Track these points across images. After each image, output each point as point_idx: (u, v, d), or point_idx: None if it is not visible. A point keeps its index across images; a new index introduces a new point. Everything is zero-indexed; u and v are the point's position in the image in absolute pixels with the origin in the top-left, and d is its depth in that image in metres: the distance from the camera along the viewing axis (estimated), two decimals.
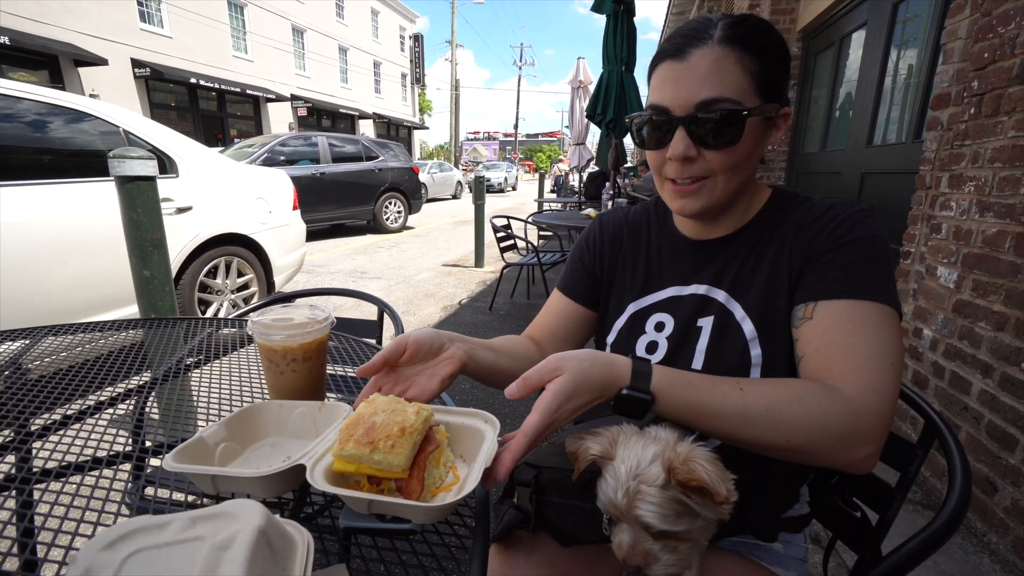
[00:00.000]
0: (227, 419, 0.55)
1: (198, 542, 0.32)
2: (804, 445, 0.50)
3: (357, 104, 23.44)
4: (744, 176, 0.64)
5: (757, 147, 0.62)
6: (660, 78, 0.62)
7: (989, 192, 1.47)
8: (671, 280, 0.73)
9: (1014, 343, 1.34)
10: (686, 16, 8.90)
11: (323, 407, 0.59)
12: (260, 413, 0.59)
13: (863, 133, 2.92)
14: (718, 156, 0.61)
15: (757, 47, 0.59)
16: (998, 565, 1.34)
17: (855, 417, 0.50)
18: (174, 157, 2.67)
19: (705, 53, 0.58)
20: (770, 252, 0.65)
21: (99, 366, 0.87)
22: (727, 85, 0.58)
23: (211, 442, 0.52)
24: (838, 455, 0.50)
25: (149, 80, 13.50)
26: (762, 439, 0.51)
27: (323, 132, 7.62)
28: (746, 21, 0.60)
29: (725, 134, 0.59)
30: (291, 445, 0.58)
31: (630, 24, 4.01)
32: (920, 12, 2.49)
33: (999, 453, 1.37)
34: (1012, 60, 1.42)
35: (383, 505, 0.42)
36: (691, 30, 0.60)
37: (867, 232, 0.59)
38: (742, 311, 0.65)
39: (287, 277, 3.46)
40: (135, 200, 1.76)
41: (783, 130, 0.64)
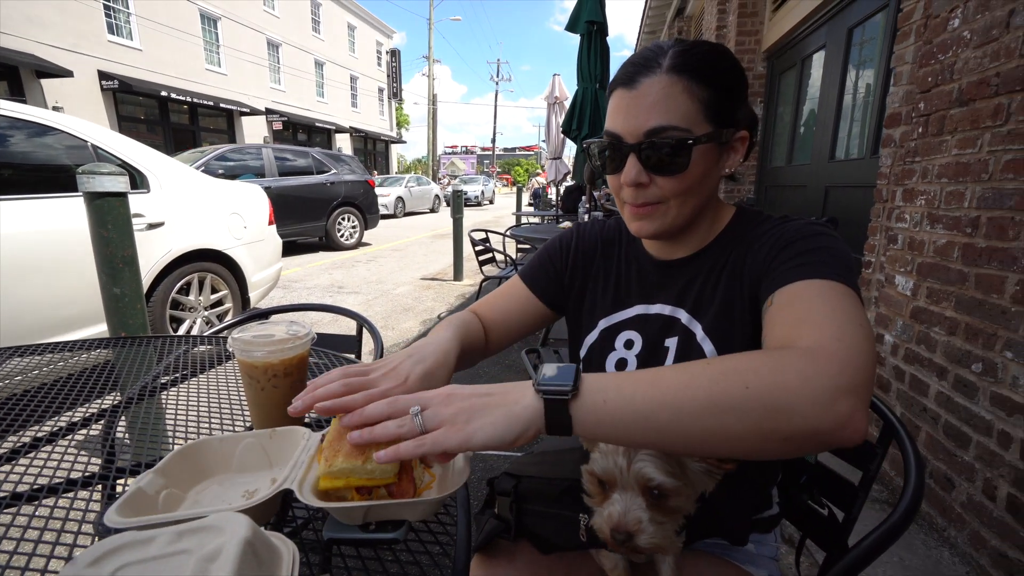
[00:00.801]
0: (161, 465, 0.49)
1: (185, 555, 0.32)
2: (772, 396, 0.42)
3: (334, 118, 23.33)
4: (698, 200, 0.66)
5: (710, 172, 0.64)
6: (613, 106, 0.64)
7: (938, 205, 1.57)
8: (638, 299, 0.75)
9: (964, 347, 1.43)
10: (657, 35, 9.21)
11: (273, 434, 0.57)
12: (199, 452, 0.54)
13: (825, 148, 3.07)
14: (668, 182, 0.62)
15: (706, 75, 0.60)
16: (957, 557, 1.40)
17: (814, 359, 0.43)
18: (145, 172, 2.62)
19: (653, 82, 0.60)
20: (727, 273, 0.67)
21: (68, 387, 0.85)
22: (675, 113, 0.60)
23: (150, 491, 0.46)
24: (816, 412, 0.41)
25: (117, 93, 13.18)
26: (718, 396, 0.42)
27: (269, 144, 7.14)
28: (695, 49, 0.62)
29: (673, 161, 0.61)
30: (241, 480, 0.54)
31: (603, 43, 4.14)
32: (873, 36, 2.65)
33: (955, 451, 1.45)
34: (952, 84, 1.53)
35: (381, 510, 0.42)
36: (642, 59, 0.62)
37: (816, 231, 0.60)
38: (702, 332, 0.67)
39: (262, 293, 3.40)
40: (105, 217, 1.72)
41: (741, 152, 0.66)
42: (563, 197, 8.64)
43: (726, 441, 0.43)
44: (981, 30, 1.43)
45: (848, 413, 0.41)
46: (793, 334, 0.48)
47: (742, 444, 0.43)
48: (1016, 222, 1.28)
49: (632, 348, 0.73)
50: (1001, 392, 1.30)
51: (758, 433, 0.42)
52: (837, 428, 0.41)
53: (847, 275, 0.54)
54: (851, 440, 0.42)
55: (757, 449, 0.43)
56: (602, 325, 0.76)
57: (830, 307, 0.50)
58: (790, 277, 0.55)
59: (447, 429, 0.44)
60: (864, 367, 0.44)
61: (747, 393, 0.42)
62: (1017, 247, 1.27)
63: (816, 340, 0.46)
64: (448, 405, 0.46)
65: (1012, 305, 1.28)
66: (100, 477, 0.60)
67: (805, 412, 0.41)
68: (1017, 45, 1.30)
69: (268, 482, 0.52)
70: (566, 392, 0.44)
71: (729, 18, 4.44)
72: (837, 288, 0.52)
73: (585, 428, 0.44)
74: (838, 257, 0.56)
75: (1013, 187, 1.29)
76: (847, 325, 0.47)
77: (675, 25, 7.52)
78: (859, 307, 0.51)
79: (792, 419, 0.41)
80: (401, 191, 14.86)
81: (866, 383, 0.43)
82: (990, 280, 1.35)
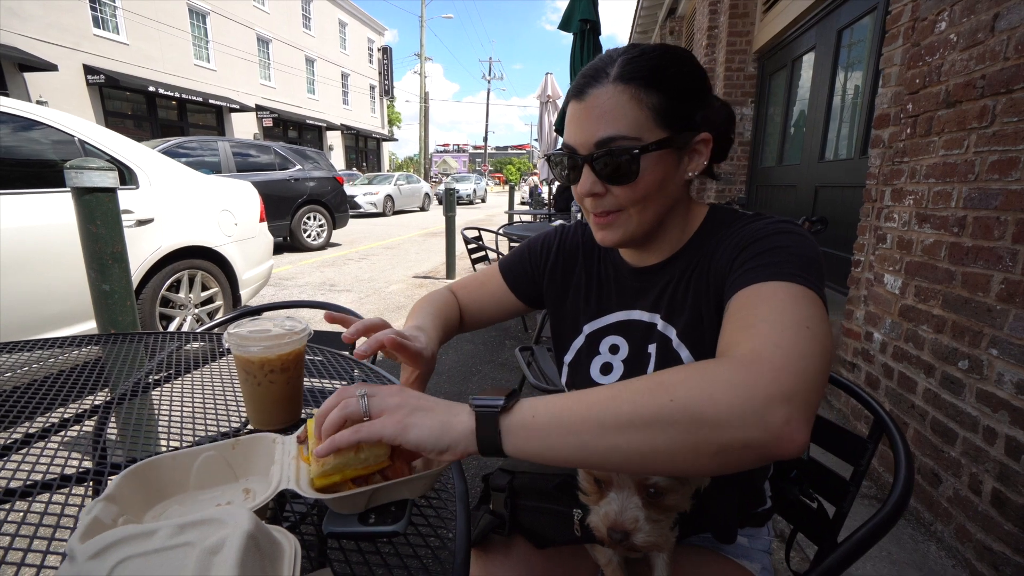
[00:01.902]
0: (109, 491, 0.45)
1: (188, 547, 0.32)
2: (696, 411, 0.40)
3: (325, 115, 23.16)
4: (659, 206, 0.65)
5: (668, 177, 0.63)
6: (567, 118, 0.65)
7: (926, 205, 1.59)
8: (618, 305, 0.75)
9: (951, 344, 1.45)
10: (649, 35, 9.25)
11: (236, 444, 0.54)
12: (149, 472, 0.49)
13: (815, 149, 3.10)
14: (623, 191, 0.62)
15: (654, 81, 0.59)
16: (943, 551, 1.43)
17: (746, 368, 0.42)
18: (134, 168, 2.58)
19: (601, 92, 0.60)
20: (696, 277, 0.67)
21: (59, 384, 0.84)
22: (622, 122, 0.59)
23: (107, 520, 0.42)
24: (745, 423, 0.39)
25: (103, 87, 12.97)
26: (643, 409, 0.41)
27: (225, 138, 6.56)
28: (645, 56, 0.61)
29: (623, 171, 0.60)
30: (206, 496, 0.50)
31: (596, 42, 4.15)
32: (862, 38, 2.69)
33: (942, 447, 1.47)
34: (939, 86, 1.55)
35: (384, 493, 0.43)
36: (592, 69, 0.63)
37: (777, 230, 0.59)
38: (677, 338, 0.67)
39: (254, 291, 3.37)
40: (93, 212, 1.69)
41: (705, 155, 0.65)
42: (555, 196, 8.67)
43: (655, 456, 0.42)
44: (967, 33, 1.45)
45: (781, 423, 0.39)
46: (734, 341, 0.47)
47: (673, 460, 0.42)
48: (1001, 222, 1.30)
49: (618, 353, 0.73)
50: (986, 388, 1.33)
51: (686, 447, 0.40)
52: (771, 440, 0.39)
53: (805, 274, 0.52)
54: (788, 451, 0.39)
55: (690, 464, 0.41)
56: (587, 330, 0.77)
57: (777, 311, 0.48)
58: (745, 280, 0.54)
59: (387, 418, 0.45)
60: (803, 372, 0.42)
61: (672, 406, 0.40)
62: (1002, 246, 1.30)
63: (752, 347, 0.44)
64: (395, 396, 0.47)
65: (997, 303, 1.30)
66: (94, 473, 0.59)
67: (733, 423, 0.39)
68: (1002, 48, 1.33)
69: (240, 493, 0.51)
70: (497, 407, 0.44)
71: (720, 19, 4.48)
72: (790, 290, 0.50)
73: (515, 444, 0.44)
74: (796, 256, 0.55)
75: (998, 187, 1.32)
76: (790, 330, 0.45)
77: (667, 25, 7.56)
78: (813, 309, 0.48)
79: (719, 431, 0.40)
80: (390, 189, 14.78)
81: (805, 389, 0.41)
82: (976, 279, 1.38)
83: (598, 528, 0.55)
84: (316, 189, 7.44)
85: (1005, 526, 1.25)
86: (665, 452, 0.41)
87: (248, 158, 6.63)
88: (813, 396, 0.42)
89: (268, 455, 0.53)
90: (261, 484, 0.51)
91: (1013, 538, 1.23)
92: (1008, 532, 1.24)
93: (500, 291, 0.85)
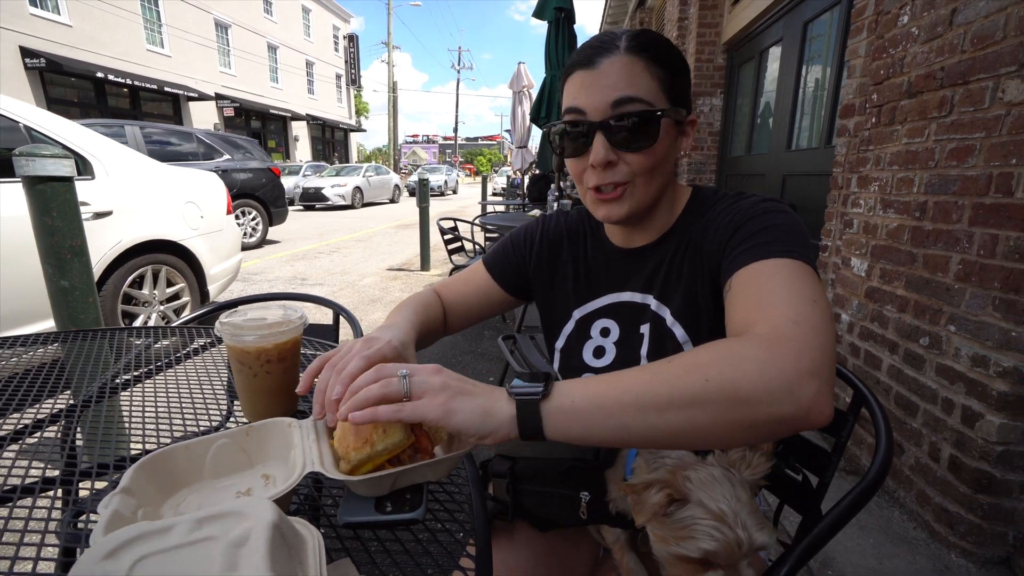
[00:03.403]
0: (124, 484, 0.44)
1: (210, 542, 0.31)
2: (732, 390, 0.42)
3: (289, 105, 22.36)
4: (662, 179, 0.66)
5: (671, 150, 0.65)
6: (573, 85, 0.64)
7: (890, 191, 1.67)
8: (608, 287, 0.76)
9: (913, 322, 1.54)
10: (619, 25, 9.29)
11: (251, 431, 0.53)
12: (163, 463, 0.48)
13: (783, 138, 3.20)
14: (637, 158, 0.63)
15: (661, 56, 0.62)
16: (905, 515, 1.52)
17: (771, 346, 0.44)
18: (88, 157, 2.43)
19: (614, 60, 0.61)
20: (688, 258, 0.68)
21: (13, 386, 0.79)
22: (639, 87, 0.61)
23: (127, 513, 0.42)
24: (778, 400, 0.42)
25: (45, 72, 12.13)
26: (680, 390, 0.43)
27: (137, 122, 5.69)
28: (648, 34, 0.64)
29: (642, 135, 0.61)
30: (224, 484, 0.50)
31: (571, 30, 4.15)
32: (828, 31, 2.78)
33: (904, 419, 1.56)
34: (902, 77, 1.62)
35: (408, 475, 0.43)
36: (598, 42, 0.64)
37: (766, 208, 0.61)
38: (671, 317, 0.68)
39: (222, 286, 3.25)
40: (48, 203, 1.59)
41: (692, 136, 0.68)
42: (529, 186, 8.66)
43: (694, 433, 0.44)
44: (927, 27, 1.52)
45: (811, 397, 0.42)
46: (750, 319, 0.49)
47: (710, 435, 0.44)
48: (959, 206, 1.38)
49: (609, 336, 0.74)
50: (945, 363, 1.41)
51: (723, 424, 0.43)
52: (801, 413, 0.42)
53: (801, 249, 0.55)
54: (817, 423, 0.42)
55: (726, 439, 0.45)
56: (576, 315, 0.77)
57: (785, 287, 0.50)
58: (745, 259, 0.56)
59: (430, 399, 0.44)
60: (823, 347, 0.44)
61: (707, 386, 0.42)
62: (959, 229, 1.38)
63: (773, 324, 0.46)
64: (436, 375, 0.47)
65: (955, 283, 1.38)
66: (61, 482, 0.56)
67: (767, 400, 0.42)
68: (959, 41, 1.39)
69: (259, 479, 0.50)
70: (537, 395, 0.45)
71: (690, 10, 4.53)
72: (790, 265, 0.53)
73: (556, 428, 0.45)
74: (790, 232, 0.57)
75: (956, 173, 1.40)
76: (802, 305, 0.48)
77: (637, 16, 7.61)
78: (814, 283, 0.51)
79: (755, 408, 0.42)
80: (359, 181, 14.44)
81: (827, 363, 0.44)
82: (936, 260, 1.45)
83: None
84: (249, 182, 6.74)
85: (960, 488, 1.34)
86: (704, 429, 0.43)
87: (166, 146, 5.78)
88: (832, 366, 0.45)
89: (285, 440, 0.52)
90: (280, 469, 0.50)
91: (967, 499, 1.32)
92: (963, 494, 1.33)
93: (486, 285, 0.85)
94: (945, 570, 1.32)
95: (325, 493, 0.56)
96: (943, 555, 1.37)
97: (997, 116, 1.27)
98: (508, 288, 0.84)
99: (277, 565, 0.30)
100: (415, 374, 0.46)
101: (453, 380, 0.47)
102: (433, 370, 0.47)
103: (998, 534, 1.30)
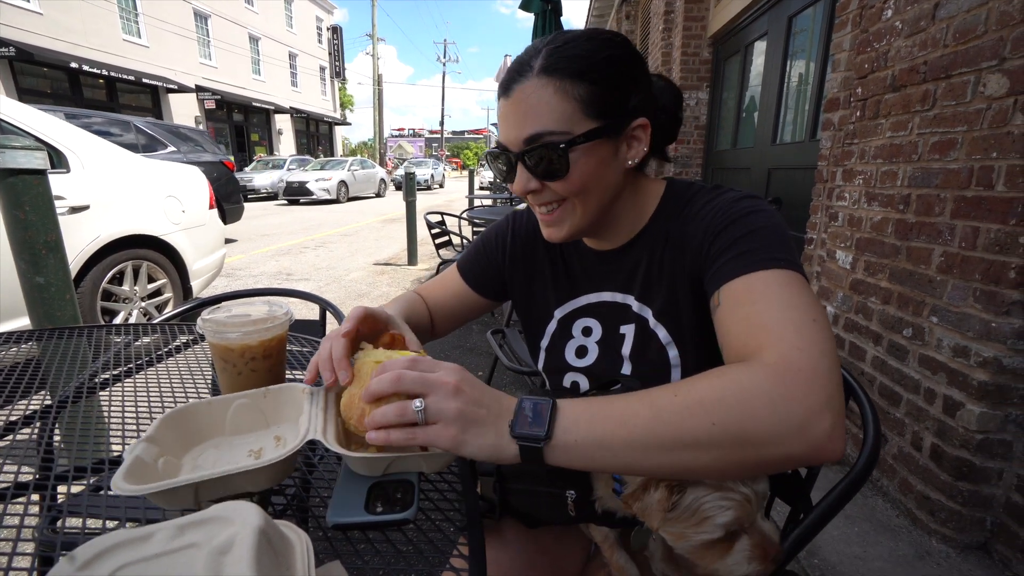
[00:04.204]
0: (150, 433, 0.48)
1: (193, 549, 0.30)
2: (739, 432, 0.42)
3: (272, 98, 21.96)
4: (601, 197, 0.64)
5: (606, 166, 0.61)
6: (498, 115, 0.64)
7: (874, 184, 1.69)
8: (585, 287, 0.75)
9: (897, 314, 1.56)
10: (606, 19, 9.26)
11: (268, 392, 0.56)
12: (187, 417, 0.52)
13: (768, 132, 3.22)
14: (559, 185, 0.61)
15: (579, 71, 0.57)
16: (889, 504, 1.56)
17: (781, 379, 0.43)
18: (63, 150, 2.36)
19: (525, 87, 0.58)
20: (668, 257, 0.66)
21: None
22: (548, 117, 0.58)
23: (148, 459, 0.45)
24: (789, 440, 0.41)
25: (15, 62, 11.71)
26: (686, 433, 0.43)
27: (63, 109, 5.12)
28: (568, 45, 0.59)
29: (554, 166, 0.59)
30: (240, 441, 0.53)
31: (558, 23, 4.12)
32: (812, 25, 2.80)
33: (888, 409, 1.59)
34: (886, 71, 1.64)
35: (404, 462, 0.45)
36: (517, 64, 0.61)
37: (745, 209, 0.59)
38: (654, 318, 0.67)
39: (205, 281, 3.19)
40: (20, 197, 1.53)
41: (645, 141, 0.63)
42: None
43: (700, 470, 0.44)
44: (911, 21, 1.54)
45: (823, 435, 0.41)
46: (752, 343, 0.48)
47: (716, 473, 0.45)
48: (941, 199, 1.40)
49: (591, 335, 0.73)
50: (927, 353, 1.44)
51: (730, 464, 0.43)
52: (811, 452, 0.42)
53: (787, 255, 0.54)
54: (829, 459, 0.42)
55: (733, 475, 0.45)
56: (558, 315, 0.77)
57: (782, 307, 0.49)
58: (731, 271, 0.54)
59: (443, 428, 0.44)
60: (829, 371, 0.44)
61: (713, 429, 0.42)
62: (942, 222, 1.40)
63: (779, 353, 0.45)
64: (454, 399, 0.45)
65: (937, 275, 1.41)
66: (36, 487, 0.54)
67: (775, 441, 0.41)
68: (942, 36, 1.41)
69: (272, 440, 0.53)
70: (539, 440, 0.44)
71: (676, 3, 4.53)
72: (781, 278, 0.51)
73: (559, 461, 0.45)
74: (773, 236, 0.56)
75: (938, 167, 1.42)
76: (805, 328, 0.46)
77: (623, 9, 7.59)
78: (809, 295, 0.51)
79: (763, 449, 0.42)
80: (344, 175, 14.20)
81: (838, 393, 0.43)
82: (919, 252, 1.48)
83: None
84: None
85: (941, 476, 1.37)
86: (710, 468, 0.44)
87: (101, 137, 5.29)
88: (842, 394, 0.44)
89: (298, 405, 0.54)
90: (291, 432, 0.53)
91: (948, 487, 1.35)
92: (944, 482, 1.36)
93: (462, 292, 0.84)
94: (926, 555, 1.35)
95: (314, 494, 0.55)
96: (924, 541, 1.40)
97: (978, 110, 1.28)
98: (485, 293, 0.83)
99: (263, 571, 0.29)
100: (431, 393, 0.45)
101: (469, 405, 0.45)
102: (451, 392, 0.45)
103: (977, 520, 1.33)
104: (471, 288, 0.83)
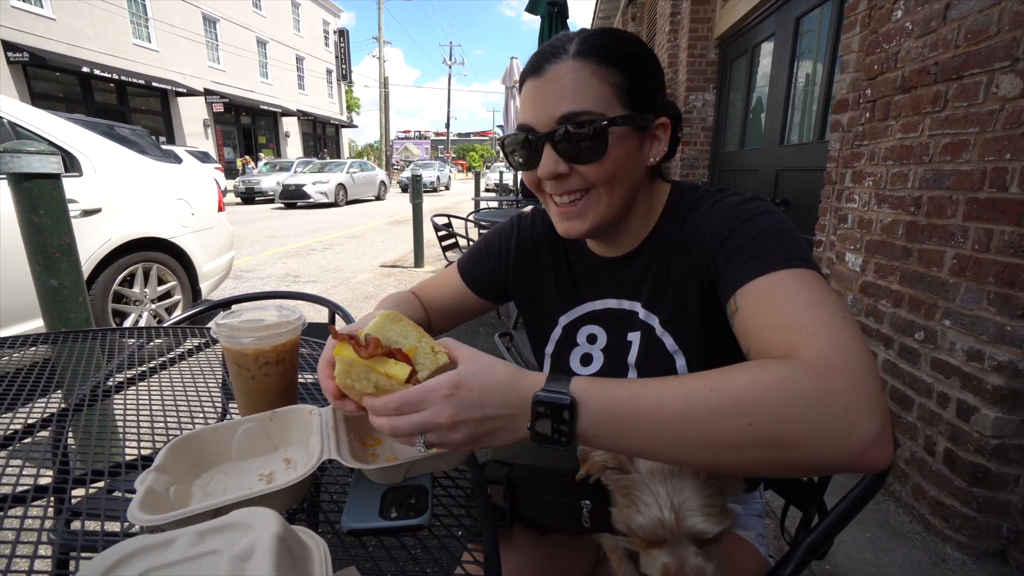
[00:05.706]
0: (158, 462, 0.47)
1: (214, 555, 0.30)
2: (776, 432, 0.39)
3: (280, 101, 22.16)
4: (626, 189, 0.63)
5: (633, 158, 0.61)
6: (524, 97, 0.62)
7: (884, 186, 1.68)
8: (592, 294, 0.74)
9: (908, 317, 1.55)
10: (611, 21, 9.26)
11: (274, 416, 0.55)
12: (193, 445, 0.51)
13: (776, 134, 3.21)
14: (590, 169, 0.60)
15: (614, 58, 0.58)
16: (901, 509, 1.54)
17: (824, 379, 0.40)
18: (76, 154, 2.39)
19: (561, 68, 0.58)
20: (675, 265, 0.65)
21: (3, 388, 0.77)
22: (586, 97, 0.57)
23: (160, 489, 0.45)
24: (834, 440, 0.38)
25: (28, 67, 11.90)
26: (719, 434, 0.40)
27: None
28: (603, 34, 0.60)
29: (590, 147, 0.58)
30: (249, 466, 0.52)
31: (564, 25, 4.12)
32: (820, 26, 2.78)
33: (900, 413, 1.58)
34: (896, 72, 1.63)
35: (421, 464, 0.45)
36: (549, 47, 0.61)
37: (752, 211, 0.58)
38: (660, 326, 0.66)
39: (214, 284, 3.21)
40: (35, 201, 1.55)
41: (665, 141, 0.63)
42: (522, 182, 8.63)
43: (727, 468, 0.42)
44: (921, 21, 1.52)
45: (868, 440, 0.38)
46: (782, 345, 0.45)
47: (749, 471, 0.42)
48: (953, 201, 1.39)
49: (596, 343, 0.72)
50: (940, 357, 1.42)
51: (764, 464, 0.41)
52: (850, 457, 0.38)
53: (801, 254, 0.52)
54: (873, 468, 0.39)
55: (764, 473, 0.42)
56: (563, 322, 0.76)
57: (808, 304, 0.47)
58: (747, 274, 0.52)
59: (453, 448, 0.44)
60: (870, 374, 0.41)
61: (750, 430, 0.39)
62: (954, 224, 1.38)
63: (816, 352, 0.42)
64: (450, 432, 0.43)
65: (950, 277, 1.39)
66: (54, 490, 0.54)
67: (813, 445, 0.39)
68: (953, 36, 1.40)
69: (282, 463, 0.53)
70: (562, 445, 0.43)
71: (682, 5, 4.52)
72: (800, 277, 0.50)
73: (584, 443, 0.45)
74: (784, 235, 0.54)
75: (950, 168, 1.40)
76: (837, 324, 0.44)
77: (629, 11, 7.59)
78: (829, 291, 0.49)
79: (800, 452, 0.39)
80: (342, 177, 13.87)
81: (878, 392, 0.40)
82: (931, 255, 1.46)
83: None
84: None
85: (956, 482, 1.35)
86: (741, 467, 0.42)
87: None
88: (882, 392, 0.41)
89: (305, 426, 0.54)
90: (301, 454, 0.53)
91: (962, 492, 1.34)
92: (958, 487, 1.35)
93: (460, 291, 0.83)
94: (941, 563, 1.34)
95: (328, 498, 0.55)
96: (939, 548, 1.38)
97: (991, 111, 1.27)
98: (484, 295, 0.82)
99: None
100: (431, 428, 0.43)
101: (472, 428, 0.43)
102: (446, 430, 0.43)
103: (993, 527, 1.31)
104: (471, 291, 0.82)
